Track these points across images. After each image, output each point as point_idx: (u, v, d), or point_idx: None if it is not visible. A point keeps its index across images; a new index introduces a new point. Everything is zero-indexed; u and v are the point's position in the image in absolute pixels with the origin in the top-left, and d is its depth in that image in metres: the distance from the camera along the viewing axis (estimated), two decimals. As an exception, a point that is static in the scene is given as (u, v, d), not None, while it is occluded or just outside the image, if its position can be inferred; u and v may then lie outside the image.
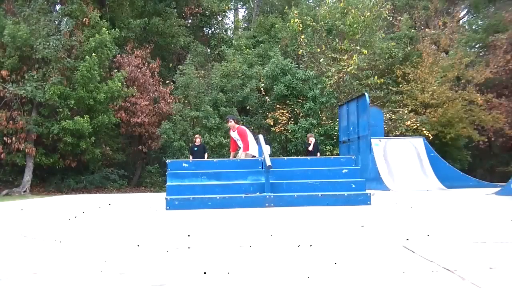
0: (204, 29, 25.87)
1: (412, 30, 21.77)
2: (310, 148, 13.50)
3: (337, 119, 16.92)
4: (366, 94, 13.16)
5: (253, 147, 8.78)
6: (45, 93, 16.33)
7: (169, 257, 2.53)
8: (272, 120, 19.29)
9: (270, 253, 2.61)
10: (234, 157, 9.02)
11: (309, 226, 4.04)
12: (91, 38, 17.12)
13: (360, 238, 3.15)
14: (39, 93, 16.36)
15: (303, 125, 18.37)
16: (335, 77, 18.74)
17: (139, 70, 19.28)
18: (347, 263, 2.28)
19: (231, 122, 8.94)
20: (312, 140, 13.61)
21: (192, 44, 22.50)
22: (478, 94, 20.08)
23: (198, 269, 2.18)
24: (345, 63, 18.62)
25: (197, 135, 14.28)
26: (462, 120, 19.52)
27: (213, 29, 26.10)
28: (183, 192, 6.33)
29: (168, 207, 6.04)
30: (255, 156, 8.67)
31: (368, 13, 18.87)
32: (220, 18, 26.00)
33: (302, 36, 19.59)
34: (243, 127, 9.27)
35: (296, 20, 19.50)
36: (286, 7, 22.57)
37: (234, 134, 8.93)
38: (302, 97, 19.30)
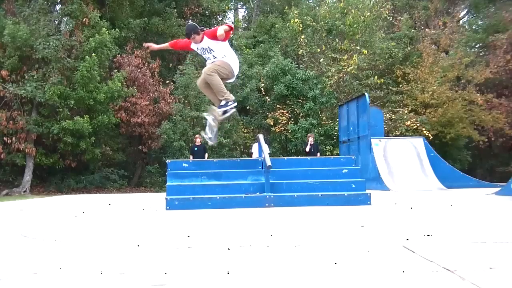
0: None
1: (412, 30, 21.78)
2: (307, 149, 13.49)
3: (337, 119, 16.93)
4: (366, 94, 13.18)
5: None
6: (45, 93, 16.32)
7: (169, 257, 2.53)
8: (272, 120, 19.30)
9: (270, 253, 2.61)
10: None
11: (309, 226, 4.04)
12: (91, 38, 17.12)
13: (360, 238, 3.15)
14: (39, 93, 16.36)
15: (303, 125, 18.37)
16: (335, 77, 18.74)
17: (139, 70, 19.28)
18: (347, 263, 2.28)
19: (194, 36, 5.75)
20: (309, 140, 13.62)
21: (192, 44, 22.48)
22: (478, 94, 20.10)
23: (198, 269, 2.18)
24: (345, 63, 18.62)
25: (197, 135, 14.27)
26: (462, 120, 19.53)
27: (213, 29, 26.07)
28: (183, 192, 6.32)
29: (168, 207, 6.04)
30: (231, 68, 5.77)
31: (368, 13, 18.88)
32: (220, 18, 25.97)
33: (302, 36, 19.59)
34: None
35: (296, 20, 19.51)
36: (286, 7, 22.57)
37: (206, 43, 5.78)
38: (302, 97, 19.31)
